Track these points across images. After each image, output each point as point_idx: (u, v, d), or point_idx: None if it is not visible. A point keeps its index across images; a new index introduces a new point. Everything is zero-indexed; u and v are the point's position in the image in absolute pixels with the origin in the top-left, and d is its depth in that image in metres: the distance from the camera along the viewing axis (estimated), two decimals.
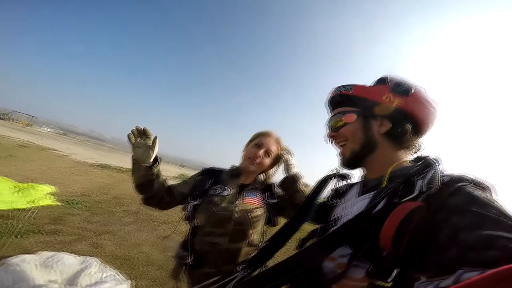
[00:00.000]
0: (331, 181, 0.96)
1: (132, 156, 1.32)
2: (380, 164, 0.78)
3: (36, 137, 21.54)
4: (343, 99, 0.85)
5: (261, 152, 1.47)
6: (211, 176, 1.50)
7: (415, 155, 0.79)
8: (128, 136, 1.30)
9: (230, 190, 1.44)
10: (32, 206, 4.07)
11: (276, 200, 1.53)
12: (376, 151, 0.79)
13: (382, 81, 0.81)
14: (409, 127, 0.76)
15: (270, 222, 1.49)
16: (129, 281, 2.51)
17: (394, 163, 0.75)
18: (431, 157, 0.68)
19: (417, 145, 0.79)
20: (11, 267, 2.03)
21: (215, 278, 0.93)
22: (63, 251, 2.79)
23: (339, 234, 0.65)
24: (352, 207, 0.78)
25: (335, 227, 0.67)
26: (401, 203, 0.57)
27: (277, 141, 1.54)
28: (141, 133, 1.30)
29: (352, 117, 0.82)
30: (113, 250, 3.31)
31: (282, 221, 1.38)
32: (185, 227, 1.43)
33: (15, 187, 4.55)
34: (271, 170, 1.60)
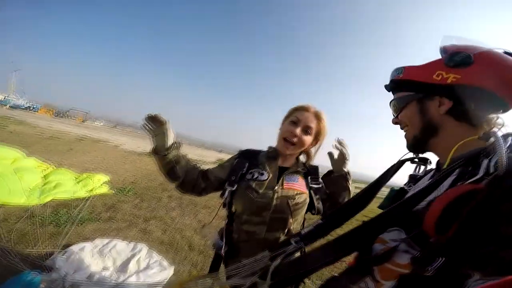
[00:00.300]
0: (410, 166, 0.90)
1: (152, 148, 1.30)
2: (448, 146, 0.69)
3: (91, 131, 23.85)
4: (397, 85, 0.79)
5: (298, 130, 1.32)
6: (248, 159, 1.40)
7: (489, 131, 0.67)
8: (144, 126, 1.25)
9: (269, 174, 1.32)
10: (91, 195, 4.58)
11: (321, 186, 1.38)
12: (440, 134, 0.71)
13: (440, 53, 0.72)
14: (477, 102, 0.65)
15: (313, 209, 1.36)
16: (173, 267, 2.71)
17: (464, 139, 0.66)
18: (500, 133, 0.58)
19: (497, 121, 0.67)
20: (72, 255, 2.32)
21: (264, 253, 0.91)
22: (117, 238, 3.10)
23: (387, 217, 0.63)
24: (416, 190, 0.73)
25: (387, 208, 0.64)
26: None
27: (317, 115, 1.36)
28: (154, 120, 1.24)
29: (406, 103, 0.76)
30: (160, 235, 3.58)
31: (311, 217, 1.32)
32: (225, 212, 1.40)
33: (76, 178, 5.14)
34: (312, 149, 1.45)
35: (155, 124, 1.25)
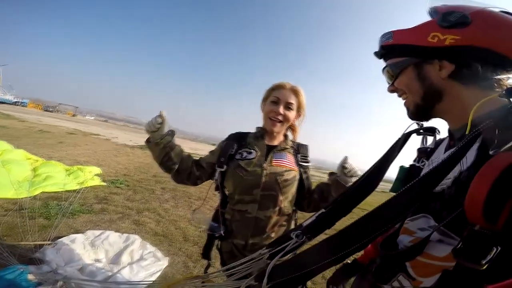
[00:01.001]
0: (414, 138, 0.81)
1: (146, 140, 1.34)
2: (459, 110, 0.63)
3: (82, 125, 23.40)
4: (388, 51, 0.72)
5: (281, 108, 1.36)
6: (236, 141, 1.43)
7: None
8: (151, 122, 1.27)
9: (257, 152, 1.36)
10: (82, 187, 4.49)
11: (309, 164, 1.44)
12: (445, 99, 0.64)
13: (430, 14, 0.66)
14: (482, 63, 0.59)
15: (303, 187, 1.39)
16: (167, 258, 2.69)
17: (476, 103, 0.57)
18: None
19: (508, 82, 0.61)
20: (63, 247, 2.26)
21: (265, 249, 0.82)
22: (109, 230, 3.05)
23: (402, 201, 0.53)
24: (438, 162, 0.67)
25: (401, 190, 0.54)
26: (498, 154, 0.42)
27: (294, 91, 1.40)
28: (160, 117, 1.28)
29: (401, 69, 0.69)
30: (153, 227, 3.53)
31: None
32: (218, 201, 1.41)
33: (66, 170, 5.03)
34: (296, 122, 1.49)
35: (159, 120, 1.28)
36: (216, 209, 1.42)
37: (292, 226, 1.42)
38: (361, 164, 1.30)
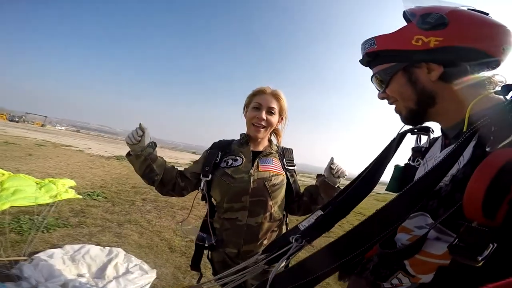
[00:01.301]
0: (409, 138, 0.82)
1: (126, 154, 1.32)
2: (452, 110, 0.63)
3: (52, 136, 22.10)
4: (373, 57, 0.71)
5: (263, 114, 1.34)
6: (219, 149, 1.40)
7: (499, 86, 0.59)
8: (132, 135, 1.25)
9: (243, 159, 1.34)
10: (55, 201, 4.19)
11: (295, 167, 1.44)
12: (438, 101, 0.64)
13: (406, 18, 0.66)
14: (468, 62, 0.59)
15: (291, 192, 1.38)
16: (155, 270, 2.56)
17: (470, 102, 0.57)
18: None
19: (498, 78, 0.61)
20: (41, 262, 2.08)
21: (261, 254, 0.80)
22: (89, 243, 2.86)
23: (405, 201, 0.53)
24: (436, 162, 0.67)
25: (403, 191, 0.54)
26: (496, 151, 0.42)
27: (275, 95, 1.40)
28: (140, 129, 1.25)
29: (391, 75, 0.68)
30: (136, 239, 3.37)
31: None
32: (202, 210, 1.37)
33: (37, 183, 4.67)
34: (279, 126, 1.49)
35: (140, 133, 1.25)
36: (204, 219, 1.37)
37: (284, 231, 1.40)
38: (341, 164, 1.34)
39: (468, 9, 0.61)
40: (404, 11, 0.67)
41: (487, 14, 0.61)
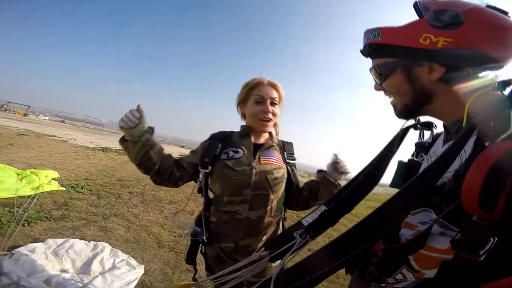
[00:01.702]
0: (411, 133, 0.81)
1: (120, 139, 1.22)
2: (450, 108, 0.63)
3: (34, 125, 21.26)
4: (375, 50, 0.69)
5: (268, 106, 1.32)
6: (220, 140, 1.36)
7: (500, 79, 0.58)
8: (126, 117, 1.15)
9: (244, 151, 1.31)
10: (37, 193, 4.04)
11: (295, 161, 1.43)
12: (435, 99, 0.64)
13: (417, 9, 0.63)
14: (473, 65, 0.58)
15: (291, 185, 1.37)
16: (142, 266, 2.50)
17: (467, 99, 0.56)
18: None
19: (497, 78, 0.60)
20: (22, 257, 1.98)
21: (262, 251, 0.79)
22: (73, 237, 2.77)
23: (407, 196, 0.53)
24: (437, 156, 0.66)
25: (405, 186, 0.54)
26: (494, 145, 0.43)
27: (273, 85, 1.37)
28: (138, 111, 1.17)
29: (390, 71, 0.67)
30: (123, 233, 3.28)
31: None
32: (191, 205, 1.32)
33: (18, 174, 4.49)
34: (277, 118, 1.45)
35: (137, 115, 1.17)
36: (200, 213, 1.34)
37: (281, 226, 1.40)
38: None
39: (488, 6, 0.59)
40: (416, 2, 0.64)
41: (506, 13, 0.58)
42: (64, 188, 4.57)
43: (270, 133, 1.47)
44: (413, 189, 0.53)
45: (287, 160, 1.40)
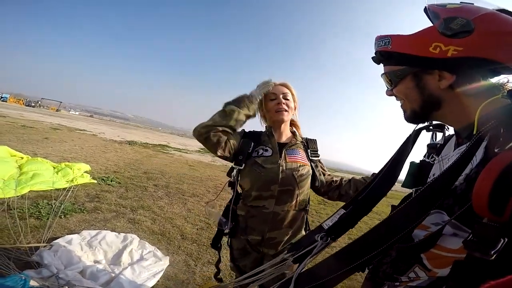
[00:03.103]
0: (425, 135, 0.84)
1: (230, 103, 1.35)
2: (459, 115, 0.64)
3: (66, 120, 22.61)
4: (385, 57, 0.70)
5: (281, 99, 1.41)
6: (252, 139, 1.44)
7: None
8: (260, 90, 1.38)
9: (272, 150, 1.39)
10: (71, 185, 4.33)
11: (319, 158, 1.50)
12: (444, 106, 0.65)
13: (428, 15, 0.63)
14: (483, 73, 0.59)
15: (316, 181, 1.43)
16: (167, 257, 2.63)
17: (477, 106, 0.57)
18: None
19: (506, 84, 0.61)
20: (60, 248, 2.16)
21: (287, 253, 0.84)
22: (105, 229, 2.95)
23: (425, 199, 0.56)
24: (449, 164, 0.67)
25: (422, 189, 0.57)
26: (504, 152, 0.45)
27: (285, 85, 1.48)
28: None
29: (401, 78, 0.69)
30: (150, 225, 3.45)
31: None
32: (218, 202, 1.40)
33: (54, 167, 4.83)
34: (294, 117, 1.56)
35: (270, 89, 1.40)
36: (227, 205, 1.43)
37: (304, 220, 1.46)
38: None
39: (498, 9, 0.58)
40: (426, 7, 0.64)
41: None
42: (95, 181, 4.86)
43: (293, 132, 1.54)
44: (428, 193, 0.56)
45: (311, 157, 1.46)
